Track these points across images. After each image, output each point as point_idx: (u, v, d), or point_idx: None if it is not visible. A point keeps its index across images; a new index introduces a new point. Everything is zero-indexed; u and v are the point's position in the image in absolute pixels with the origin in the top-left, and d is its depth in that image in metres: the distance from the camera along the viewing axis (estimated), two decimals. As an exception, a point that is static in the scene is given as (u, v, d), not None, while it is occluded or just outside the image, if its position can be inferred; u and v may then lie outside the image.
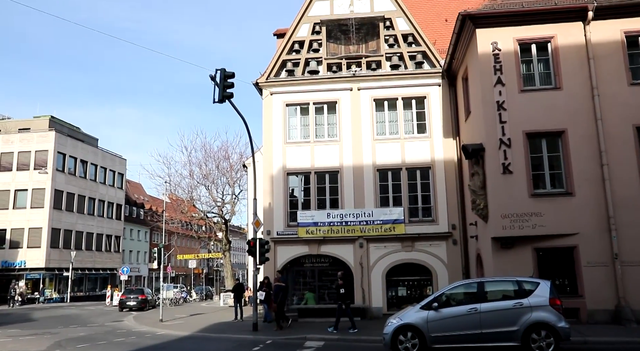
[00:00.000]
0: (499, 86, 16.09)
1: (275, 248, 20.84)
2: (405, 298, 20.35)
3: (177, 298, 38.04)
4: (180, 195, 40.61)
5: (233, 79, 16.42)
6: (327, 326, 16.33)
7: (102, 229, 53.93)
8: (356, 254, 20.73)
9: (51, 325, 21.48)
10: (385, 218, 20.67)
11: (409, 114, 21.90)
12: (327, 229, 20.81)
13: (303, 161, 21.68)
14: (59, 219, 47.04)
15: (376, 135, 21.69)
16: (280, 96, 22.34)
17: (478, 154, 16.59)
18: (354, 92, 21.96)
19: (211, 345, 14.50)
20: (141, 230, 66.54)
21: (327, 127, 22.15)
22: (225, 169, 39.14)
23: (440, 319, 11.11)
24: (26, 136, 48.07)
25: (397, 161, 21.26)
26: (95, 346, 14.07)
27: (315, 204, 21.36)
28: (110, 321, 23.14)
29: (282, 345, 13.95)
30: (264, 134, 22.31)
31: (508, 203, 15.54)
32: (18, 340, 16.31)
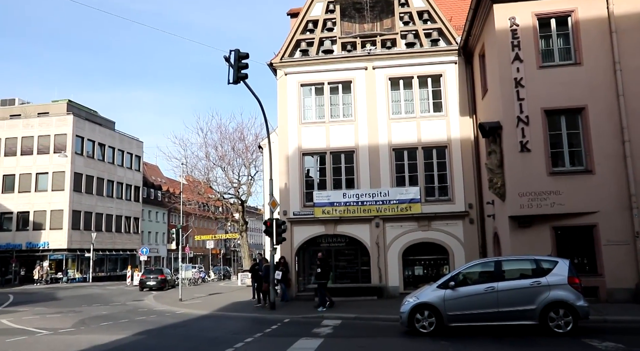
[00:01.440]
0: (516, 62, 15.80)
1: (291, 228, 20.98)
2: (421, 277, 20.40)
3: (195, 278, 38.66)
4: (197, 177, 40.96)
5: (247, 59, 16.36)
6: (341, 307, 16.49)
7: (121, 211, 54.76)
8: (372, 234, 20.78)
9: (75, 304, 22.04)
10: (402, 198, 20.63)
11: (424, 93, 21.66)
12: (343, 209, 20.85)
13: (318, 141, 21.65)
14: (79, 202, 47.85)
15: (392, 114, 21.52)
16: (294, 76, 22.23)
17: (495, 133, 16.39)
18: (369, 71, 21.75)
19: (230, 324, 14.75)
20: (159, 212, 67.42)
21: (342, 107, 22.03)
22: (241, 150, 39.32)
23: (457, 298, 11.14)
24: (45, 120, 48.70)
25: (413, 140, 21.12)
26: (117, 325, 14.41)
27: (331, 184, 21.38)
28: (131, 301, 23.64)
29: (299, 323, 14.14)
30: (279, 115, 22.28)
31: (526, 181, 15.38)
32: (45, 317, 16.79)
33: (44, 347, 10.68)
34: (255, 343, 10.83)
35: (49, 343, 11.40)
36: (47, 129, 47.92)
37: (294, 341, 10.86)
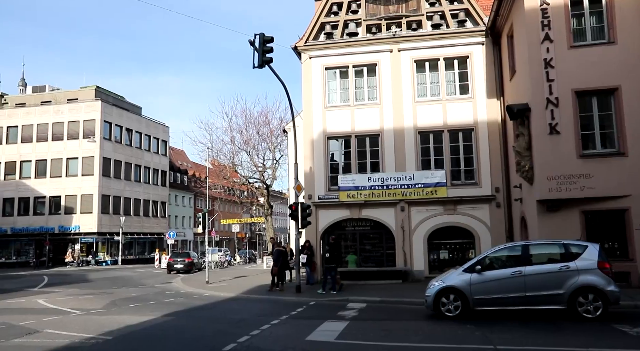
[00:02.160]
0: (546, 42, 15.39)
1: (316, 211, 21.06)
2: (447, 261, 20.31)
3: (221, 261, 39.24)
4: (222, 161, 41.37)
5: (272, 43, 16.31)
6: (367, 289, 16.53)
7: (148, 195, 55.71)
8: (397, 217, 20.72)
9: (106, 286, 22.65)
10: (427, 181, 20.48)
11: (450, 75, 21.32)
12: (368, 192, 20.81)
13: (343, 125, 21.57)
14: (108, 186, 48.83)
15: (417, 97, 21.28)
16: (319, 59, 22.11)
17: (523, 115, 16.07)
18: (394, 53, 21.48)
19: (256, 306, 14.96)
20: (185, 196, 68.38)
21: (367, 90, 21.86)
22: (266, 134, 39.50)
23: (483, 282, 11.07)
24: (74, 106, 49.60)
25: (439, 123, 20.87)
26: (147, 306, 14.76)
27: (356, 168, 21.33)
28: (160, 283, 24.16)
29: (325, 306, 14.25)
30: (304, 99, 22.24)
31: (555, 164, 15.09)
32: (78, 298, 17.31)
33: (79, 327, 11.02)
34: (281, 325, 10.98)
35: (83, 322, 11.76)
36: (77, 115, 48.84)
37: (319, 323, 10.96)
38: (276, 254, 18.94)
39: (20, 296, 18.62)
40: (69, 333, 10.11)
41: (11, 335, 10.08)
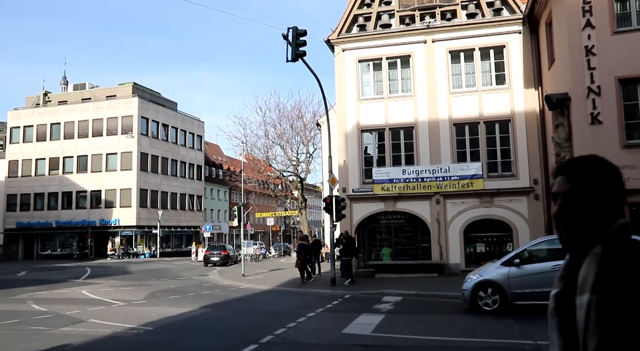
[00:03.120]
0: (587, 29, 14.88)
1: (351, 205, 21.02)
2: (483, 254, 19.99)
3: (257, 254, 39.67)
4: (257, 155, 41.70)
5: (305, 37, 16.33)
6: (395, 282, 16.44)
7: (184, 189, 56.74)
8: (433, 210, 20.50)
9: (145, 278, 23.24)
10: (463, 174, 20.17)
11: (486, 65, 20.88)
12: (403, 185, 20.65)
13: (377, 118, 21.43)
14: (146, 181, 49.95)
15: (452, 88, 20.93)
16: (352, 52, 21.99)
17: (563, 104, 15.61)
18: (428, 44, 21.17)
19: (292, 299, 15.08)
20: (220, 190, 69.36)
21: (401, 82, 21.64)
22: (299, 128, 39.58)
23: (522, 275, 10.86)
24: (113, 102, 50.85)
25: (475, 115, 20.49)
26: (185, 298, 15.08)
27: (390, 160, 21.18)
28: (197, 275, 24.63)
29: (360, 300, 14.26)
30: (337, 92, 22.19)
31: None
32: (119, 289, 17.84)
33: (120, 317, 11.36)
34: (317, 318, 11.04)
35: (124, 313, 12.11)
36: (115, 111, 50.06)
37: (355, 316, 10.98)
38: (299, 248, 19.29)
39: (65, 287, 19.32)
40: (112, 323, 10.44)
41: (59, 324, 10.48)
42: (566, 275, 1.49)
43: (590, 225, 1.44)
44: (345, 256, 18.20)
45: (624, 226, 1.44)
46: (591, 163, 1.49)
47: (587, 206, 1.44)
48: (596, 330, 1.29)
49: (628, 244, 1.39)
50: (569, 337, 1.42)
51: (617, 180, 1.48)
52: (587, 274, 1.37)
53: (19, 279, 24.19)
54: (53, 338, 8.98)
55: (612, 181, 1.47)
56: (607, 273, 1.33)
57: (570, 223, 1.47)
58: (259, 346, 8.09)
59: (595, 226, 1.44)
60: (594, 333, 1.30)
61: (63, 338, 9.04)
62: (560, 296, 1.49)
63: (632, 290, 1.26)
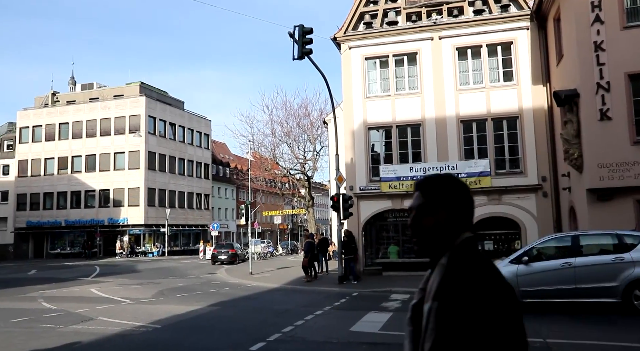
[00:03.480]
0: (597, 24, 14.74)
1: (358, 202, 21.00)
2: (492, 252, 19.88)
3: (264, 253, 39.72)
4: (264, 153, 41.77)
5: (311, 35, 16.32)
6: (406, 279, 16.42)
7: (192, 188, 56.91)
8: (440, 208, 20.39)
9: (153, 276, 23.34)
10: (471, 171, 20.08)
11: (494, 62, 20.76)
12: (410, 183, 20.57)
13: (384, 115, 21.38)
14: (154, 179, 50.15)
15: (459, 85, 20.84)
16: (358, 49, 21.94)
17: (572, 101, 15.48)
18: (435, 41, 21.09)
19: (300, 297, 15.10)
20: (228, 188, 69.50)
21: (408, 79, 21.57)
22: (306, 126, 39.59)
23: (530, 273, 10.80)
24: (120, 102, 51.07)
25: (482, 112, 20.40)
26: (193, 296, 15.13)
27: (398, 158, 21.13)
28: (205, 274, 24.71)
29: (368, 297, 14.25)
30: (344, 90, 22.15)
31: (606, 151, 14.49)
32: (127, 288, 17.93)
33: (129, 315, 11.42)
34: (324, 316, 11.05)
35: (133, 311, 12.17)
36: (123, 110, 50.26)
37: (363, 314, 10.98)
38: (306, 246, 19.34)
39: (75, 285, 19.45)
40: (121, 321, 10.50)
41: (69, 322, 10.55)
42: (424, 287, 1.61)
43: (439, 238, 1.59)
44: (346, 255, 18.26)
45: (469, 239, 1.58)
46: (443, 181, 1.65)
47: (436, 220, 1.59)
48: (431, 334, 1.39)
49: (470, 256, 1.51)
50: (417, 345, 1.51)
51: (466, 197, 1.63)
52: (432, 283, 1.50)
53: (29, 277, 24.39)
54: (63, 336, 9.04)
55: (460, 198, 1.62)
56: (447, 282, 1.43)
57: (421, 235, 1.62)
58: (267, 344, 8.10)
59: (443, 238, 1.58)
60: (429, 337, 1.40)
61: (73, 335, 9.10)
62: (416, 306, 1.59)
63: (466, 299, 1.36)
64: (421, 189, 1.66)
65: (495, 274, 1.47)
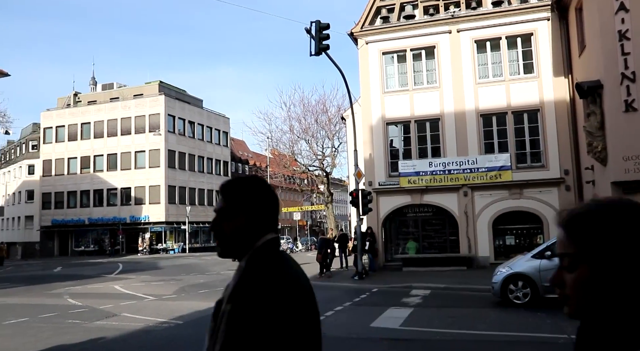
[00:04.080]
0: (621, 12, 14.40)
1: (377, 198, 20.92)
2: (513, 247, 19.67)
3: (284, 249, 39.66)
4: (282, 150, 41.84)
5: (328, 30, 16.26)
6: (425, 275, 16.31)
7: (211, 185, 57.31)
8: (460, 203, 20.26)
9: (175, 273, 23.59)
10: (491, 165, 19.86)
11: (514, 54, 20.46)
12: (430, 178, 20.45)
13: (402, 110, 21.25)
14: (174, 177, 50.66)
15: (478, 78, 20.60)
16: (376, 44, 21.82)
17: (595, 92, 15.17)
18: (453, 34, 20.86)
19: (319, 293, 15.02)
20: (247, 185, 69.81)
21: (426, 73, 21.39)
22: (324, 122, 39.51)
23: (554, 268, 10.50)
24: (140, 101, 51.64)
25: (502, 105, 20.13)
26: (214, 293, 15.24)
27: (417, 153, 20.99)
28: (225, 270, 24.84)
29: (388, 293, 14.20)
30: (361, 85, 22.07)
31: (631, 143, 14.17)
32: (150, 284, 18.16)
33: (152, 311, 11.56)
34: (345, 312, 11.04)
35: (155, 307, 12.33)
36: (142, 109, 50.83)
37: (384, 310, 10.94)
38: (320, 243, 19.40)
39: (99, 282, 19.78)
40: (144, 317, 10.64)
41: (93, 318, 10.74)
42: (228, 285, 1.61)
43: (238, 241, 1.59)
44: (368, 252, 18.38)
45: (270, 241, 1.58)
46: (243, 185, 1.65)
47: (235, 224, 1.58)
48: (221, 337, 1.41)
49: (266, 260, 1.50)
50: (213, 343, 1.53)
51: (267, 201, 1.63)
52: (230, 285, 1.51)
53: (55, 274, 24.88)
54: (88, 331, 9.20)
55: (261, 202, 1.62)
56: (240, 286, 1.45)
57: (222, 238, 1.62)
58: (288, 339, 8.11)
59: (243, 241, 1.58)
60: (220, 339, 1.42)
61: (98, 331, 9.26)
62: (219, 303, 1.58)
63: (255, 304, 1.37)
64: (222, 194, 1.66)
65: (289, 277, 1.47)
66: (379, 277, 17.86)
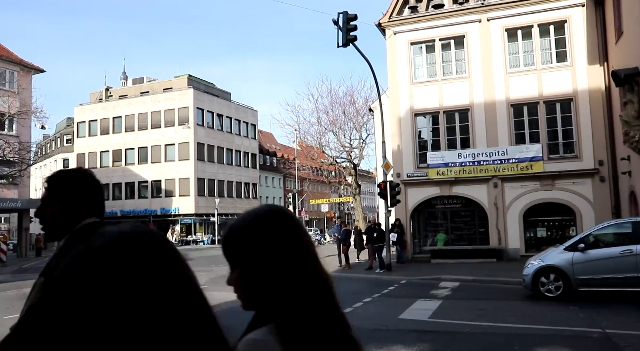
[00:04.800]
0: (659, -2, 13.88)
1: (405, 190, 20.79)
2: (544, 239, 19.31)
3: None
4: (310, 142, 41.86)
5: (356, 21, 16.16)
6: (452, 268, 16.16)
7: (240, 177, 57.89)
8: (490, 194, 19.96)
9: (205, 264, 23.94)
10: (522, 156, 19.49)
11: (546, 42, 19.96)
12: (459, 169, 20.20)
13: (431, 101, 21.01)
14: (203, 170, 51.33)
15: (509, 68, 20.18)
16: (404, 35, 21.58)
17: (632, 80, 14.68)
18: (483, 23, 20.46)
19: (347, 285, 15.13)
20: (275, 177, 70.31)
21: (455, 63, 21.06)
22: (352, 114, 39.34)
23: (587, 261, 10.41)
24: (169, 95, 52.37)
25: (534, 95, 19.70)
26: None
27: (445, 144, 20.75)
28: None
29: (417, 285, 14.14)
30: (389, 76, 21.89)
31: (670, 133, 13.70)
32: (180, 276, 18.48)
33: (183, 301, 11.78)
34: (373, 303, 11.05)
35: (186, 298, 12.55)
36: (172, 103, 51.56)
37: (412, 302, 10.90)
38: (344, 234, 19.41)
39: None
40: (175, 307, 10.84)
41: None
42: None
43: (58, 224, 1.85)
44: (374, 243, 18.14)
45: (90, 224, 1.85)
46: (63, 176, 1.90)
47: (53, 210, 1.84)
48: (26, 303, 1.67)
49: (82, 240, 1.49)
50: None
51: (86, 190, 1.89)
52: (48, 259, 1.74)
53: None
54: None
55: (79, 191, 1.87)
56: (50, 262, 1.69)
57: (44, 223, 1.86)
58: (317, 330, 8.16)
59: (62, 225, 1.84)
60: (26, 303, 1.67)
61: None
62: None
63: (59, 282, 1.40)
64: (46, 184, 1.89)
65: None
66: (408, 269, 17.79)
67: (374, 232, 18.33)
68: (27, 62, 33.72)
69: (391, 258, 17.91)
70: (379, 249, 17.92)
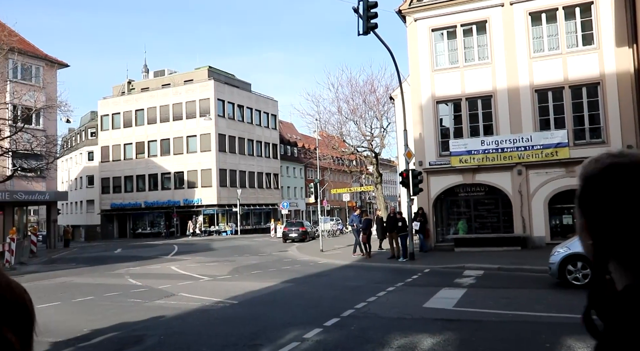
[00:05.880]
0: (690, -24, 13.40)
1: (427, 178, 20.63)
2: (570, 226, 18.99)
3: (333, 230, 40.04)
4: (330, 132, 41.74)
5: (376, 9, 15.99)
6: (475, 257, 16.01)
7: (261, 168, 58.14)
8: (514, 181, 19.69)
9: (228, 254, 24.23)
10: (547, 142, 19.14)
11: (571, 25, 19.47)
12: (482, 157, 19.95)
13: (452, 88, 20.73)
14: (224, 161, 51.68)
15: (533, 53, 19.78)
16: (424, 21, 21.28)
17: (662, 63, 14.27)
18: (506, 7, 20.05)
19: (370, 273, 15.14)
20: (296, 167, 70.47)
21: (477, 49, 20.72)
22: (372, 102, 39.04)
23: (616, 248, 10.18)
24: (190, 87, 52.71)
25: (559, 79, 19.28)
26: (267, 273, 15.57)
27: (468, 131, 20.49)
28: (277, 251, 25.32)
29: (440, 274, 14.07)
30: (410, 63, 21.65)
31: (702, 116, 13.29)
32: (204, 265, 18.75)
33: (208, 291, 11.94)
34: (397, 292, 11.03)
35: (211, 288, 12.72)
36: (193, 95, 51.90)
37: (436, 290, 10.85)
38: (365, 223, 19.36)
39: (156, 263, 20.58)
40: (200, 297, 11.00)
41: (153, 297, 11.21)
42: None
43: None
44: (399, 232, 18.11)
45: None
46: None
47: None
48: None
49: None
50: None
51: None
52: None
53: (116, 255, 26.10)
54: (150, 310, 9.61)
55: None
56: None
57: None
58: (341, 319, 8.20)
59: None
60: None
61: (158, 309, 9.65)
62: None
63: None
64: None
65: None
66: (431, 258, 17.70)
67: (395, 221, 18.28)
68: (52, 57, 34.30)
69: (414, 247, 17.82)
70: (402, 238, 17.82)
